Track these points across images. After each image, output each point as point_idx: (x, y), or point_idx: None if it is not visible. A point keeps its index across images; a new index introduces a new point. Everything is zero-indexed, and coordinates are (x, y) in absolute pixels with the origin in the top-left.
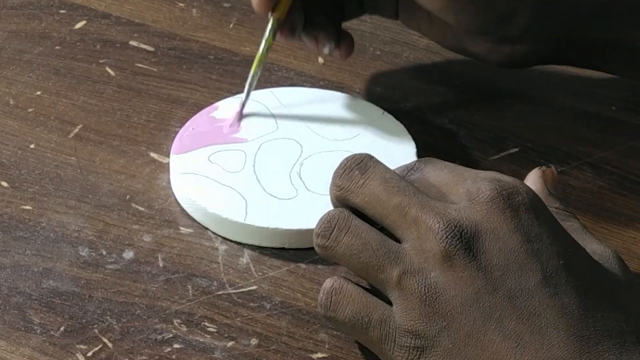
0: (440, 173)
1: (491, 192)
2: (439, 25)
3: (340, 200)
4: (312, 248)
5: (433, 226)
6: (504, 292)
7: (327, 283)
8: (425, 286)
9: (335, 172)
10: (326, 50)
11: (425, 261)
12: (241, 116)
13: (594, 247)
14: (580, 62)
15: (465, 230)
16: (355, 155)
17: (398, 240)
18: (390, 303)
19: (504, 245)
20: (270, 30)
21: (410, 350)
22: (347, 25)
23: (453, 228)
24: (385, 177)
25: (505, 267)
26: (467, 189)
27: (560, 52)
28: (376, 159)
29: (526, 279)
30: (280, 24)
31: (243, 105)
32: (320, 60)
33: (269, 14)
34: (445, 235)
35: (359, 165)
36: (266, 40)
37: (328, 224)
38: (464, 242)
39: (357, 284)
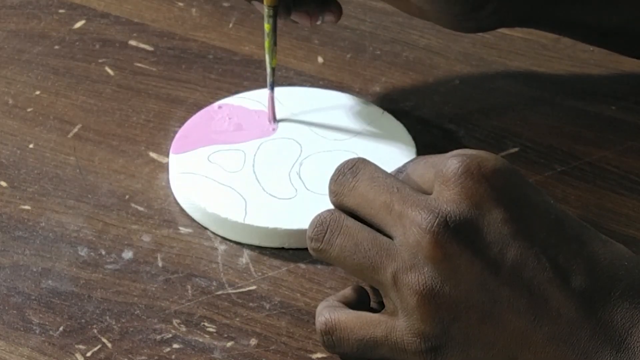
0: (417, 167)
1: (459, 166)
2: None
3: (337, 206)
4: None
5: (415, 219)
6: (507, 268)
7: (320, 323)
8: (419, 282)
9: (330, 179)
10: (319, 22)
11: (415, 256)
12: (273, 110)
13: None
14: (542, 29)
15: (450, 215)
16: (348, 160)
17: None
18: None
19: (493, 218)
20: (267, 16)
21: (425, 355)
22: (345, 24)
23: (436, 217)
24: (373, 177)
25: (501, 241)
26: (436, 172)
27: (522, 25)
28: (368, 161)
29: (525, 247)
30: (275, 10)
31: (272, 100)
32: (320, 60)
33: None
34: (429, 227)
35: (351, 170)
36: (266, 29)
37: (320, 227)
38: (452, 229)
39: (347, 308)
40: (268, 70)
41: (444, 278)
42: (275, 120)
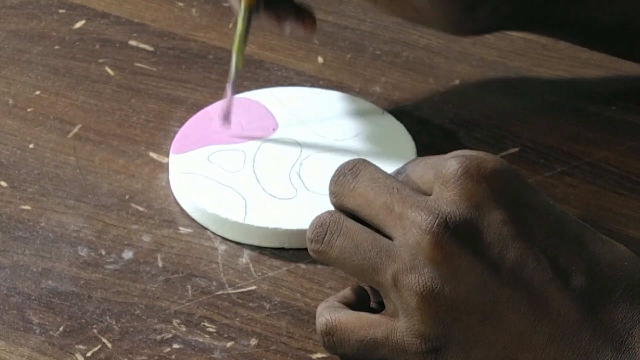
0: (417, 168)
1: (459, 167)
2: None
3: (337, 207)
4: None
5: (415, 220)
6: (507, 269)
7: (320, 324)
8: (419, 283)
9: (330, 180)
10: (288, 29)
11: (415, 257)
12: (229, 112)
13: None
14: (540, 32)
15: (450, 216)
16: (348, 161)
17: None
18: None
19: (493, 219)
20: (243, 17)
21: (425, 355)
22: (345, 24)
23: (435, 218)
24: (374, 177)
25: (501, 242)
26: (435, 174)
27: (521, 26)
28: (368, 162)
29: (525, 248)
30: (252, 12)
31: (230, 101)
32: (320, 60)
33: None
34: (429, 228)
35: (352, 170)
36: (239, 29)
37: (320, 229)
38: (452, 229)
39: (347, 308)
40: (233, 69)
41: (444, 279)
42: (228, 121)
